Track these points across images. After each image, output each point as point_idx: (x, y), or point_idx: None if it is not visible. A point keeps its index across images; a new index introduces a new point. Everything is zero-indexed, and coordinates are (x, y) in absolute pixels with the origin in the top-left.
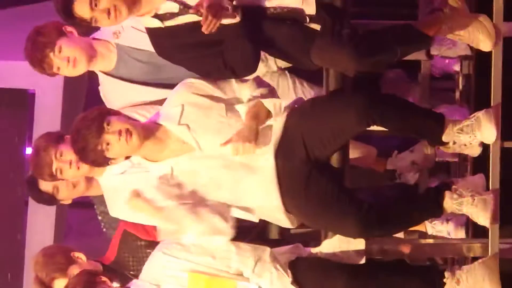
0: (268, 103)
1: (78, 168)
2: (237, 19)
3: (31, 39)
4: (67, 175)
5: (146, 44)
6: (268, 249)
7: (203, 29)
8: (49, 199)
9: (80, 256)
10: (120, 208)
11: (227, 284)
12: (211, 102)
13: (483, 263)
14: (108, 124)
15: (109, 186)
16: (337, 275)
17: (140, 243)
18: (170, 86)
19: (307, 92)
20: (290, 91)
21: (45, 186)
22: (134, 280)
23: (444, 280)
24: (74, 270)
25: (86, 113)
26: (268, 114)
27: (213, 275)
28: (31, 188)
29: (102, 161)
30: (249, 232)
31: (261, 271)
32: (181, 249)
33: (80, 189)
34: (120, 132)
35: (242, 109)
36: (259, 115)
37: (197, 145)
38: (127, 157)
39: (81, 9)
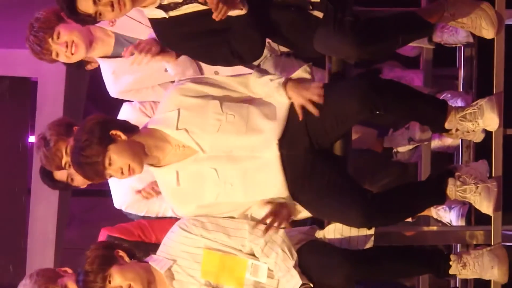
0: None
1: None
2: (244, 10)
3: (30, 25)
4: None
5: (140, 32)
6: (281, 230)
7: (214, 16)
8: (64, 187)
9: (67, 269)
10: (122, 200)
11: (240, 262)
12: (205, 101)
13: (492, 251)
14: (109, 164)
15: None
16: (340, 262)
17: (125, 245)
18: None
19: (312, 74)
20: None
21: (60, 175)
22: (152, 255)
23: (450, 263)
24: (67, 281)
25: (85, 143)
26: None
27: (227, 253)
28: (45, 178)
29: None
30: None
31: (269, 252)
32: (198, 226)
33: None
34: (122, 171)
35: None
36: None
37: (199, 147)
38: None
39: (85, 5)
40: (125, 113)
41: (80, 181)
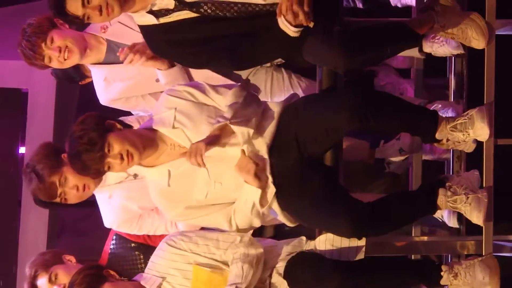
0: (237, 129)
1: (84, 190)
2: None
3: (23, 31)
4: (72, 199)
5: (132, 39)
6: (259, 249)
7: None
8: (59, 204)
9: (71, 258)
10: (113, 219)
11: (228, 277)
12: (199, 104)
13: (483, 261)
14: (109, 150)
15: (102, 197)
16: (330, 275)
17: (130, 245)
18: None
19: (303, 85)
20: (286, 84)
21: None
22: (141, 273)
23: (441, 273)
24: (59, 270)
25: (82, 132)
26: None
27: (216, 267)
28: (39, 202)
29: (102, 175)
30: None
31: (235, 262)
32: (186, 241)
33: (88, 193)
34: (121, 156)
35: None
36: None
37: None
38: None
39: (73, 6)
40: None
41: (72, 198)
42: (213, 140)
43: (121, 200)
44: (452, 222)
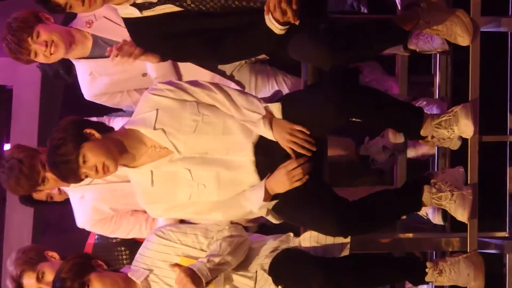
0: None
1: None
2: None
3: (8, 25)
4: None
5: (117, 34)
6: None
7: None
8: (45, 202)
9: (54, 255)
10: (85, 220)
11: None
12: (182, 102)
13: (468, 258)
14: (84, 162)
15: (75, 196)
16: (314, 273)
17: (112, 240)
18: None
19: (288, 82)
20: (270, 81)
21: (39, 195)
22: (129, 265)
23: (426, 270)
24: (45, 268)
25: (60, 141)
26: None
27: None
28: (25, 200)
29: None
30: None
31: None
32: (175, 231)
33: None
34: (96, 168)
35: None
36: None
37: (174, 148)
38: None
39: None
40: None
41: (58, 196)
42: None
43: (93, 201)
44: (437, 219)
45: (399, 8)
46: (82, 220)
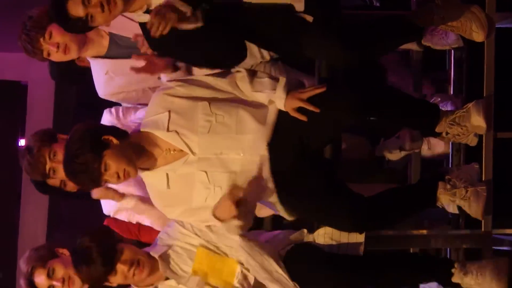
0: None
1: None
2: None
3: (23, 24)
4: (61, 175)
5: (134, 31)
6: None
7: (152, 33)
8: (59, 191)
9: (64, 252)
10: (111, 206)
11: (230, 267)
12: (194, 102)
13: (495, 263)
14: (105, 169)
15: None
16: (327, 275)
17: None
18: None
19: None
20: None
21: (53, 181)
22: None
23: (453, 270)
24: (56, 265)
25: (78, 151)
26: None
27: (219, 253)
28: (38, 185)
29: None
30: None
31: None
32: (194, 226)
33: None
34: (118, 175)
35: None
36: None
37: (189, 150)
38: None
39: (75, 8)
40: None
41: (71, 186)
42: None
43: (117, 186)
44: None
45: (414, 4)
46: (107, 206)
